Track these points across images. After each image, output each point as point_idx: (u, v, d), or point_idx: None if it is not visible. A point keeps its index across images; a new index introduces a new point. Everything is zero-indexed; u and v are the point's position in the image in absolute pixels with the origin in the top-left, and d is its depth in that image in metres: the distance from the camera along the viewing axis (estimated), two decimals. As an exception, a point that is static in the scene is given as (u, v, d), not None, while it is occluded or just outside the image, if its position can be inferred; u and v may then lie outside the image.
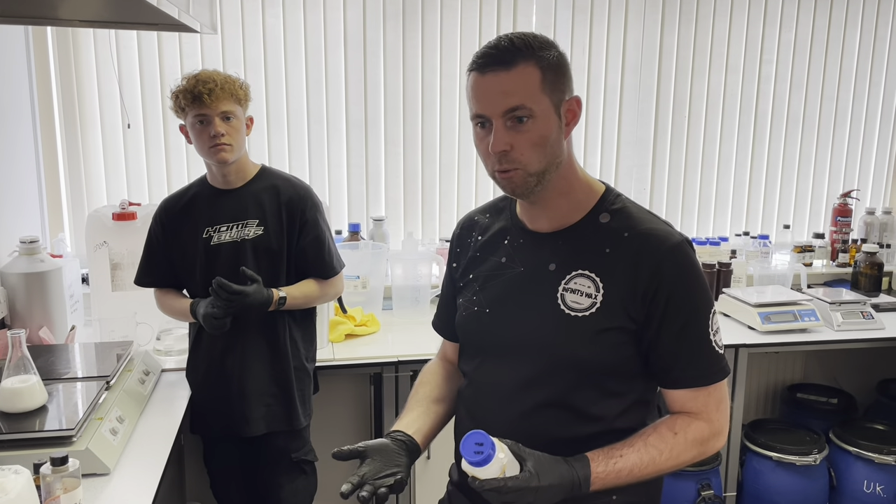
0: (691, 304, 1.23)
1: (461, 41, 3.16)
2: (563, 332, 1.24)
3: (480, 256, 1.39)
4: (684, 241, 1.25)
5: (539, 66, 1.18)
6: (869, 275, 3.23)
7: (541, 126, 1.19)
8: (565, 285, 1.25)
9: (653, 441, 1.22)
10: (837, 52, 3.54)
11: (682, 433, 1.23)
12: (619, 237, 1.24)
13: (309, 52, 3.06)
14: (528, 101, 1.17)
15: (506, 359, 1.31)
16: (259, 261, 2.11)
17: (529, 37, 1.20)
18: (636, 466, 1.20)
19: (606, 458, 1.19)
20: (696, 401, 1.25)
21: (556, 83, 1.20)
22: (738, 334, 2.78)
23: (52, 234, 2.89)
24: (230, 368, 2.14)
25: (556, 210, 1.29)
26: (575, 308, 1.24)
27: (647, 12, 3.32)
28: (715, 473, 2.74)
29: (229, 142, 2.03)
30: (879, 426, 3.02)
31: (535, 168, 1.20)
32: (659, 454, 1.21)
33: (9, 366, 1.71)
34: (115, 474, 1.66)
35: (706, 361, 1.24)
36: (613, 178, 3.45)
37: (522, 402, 1.28)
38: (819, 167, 3.67)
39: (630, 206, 1.29)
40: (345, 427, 2.86)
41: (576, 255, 1.26)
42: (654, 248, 1.22)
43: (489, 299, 1.34)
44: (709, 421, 1.25)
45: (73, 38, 2.86)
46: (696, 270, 1.25)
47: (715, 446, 1.26)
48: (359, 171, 3.20)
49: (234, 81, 2.05)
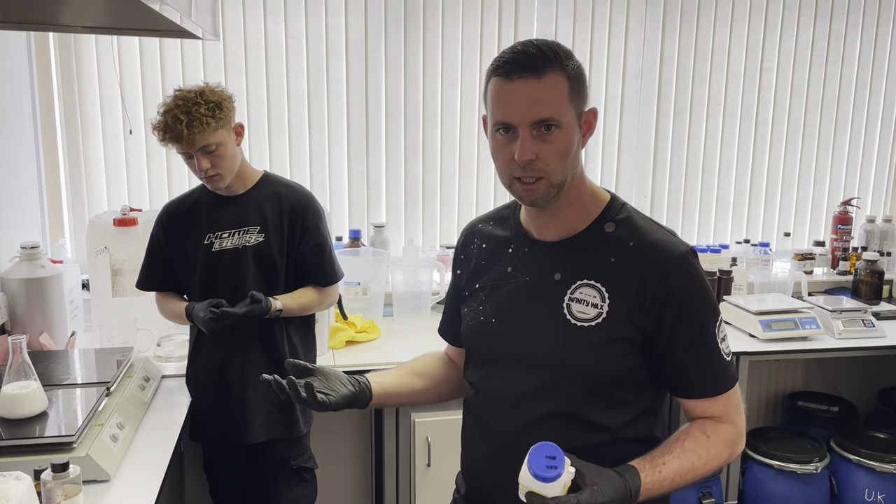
0: (700, 315, 1.23)
1: (462, 48, 3.16)
2: (569, 342, 1.24)
3: (485, 265, 1.38)
4: (689, 250, 1.24)
5: (566, 76, 1.17)
6: (869, 283, 3.23)
7: (566, 137, 1.18)
8: (571, 295, 1.25)
9: (689, 446, 1.22)
10: (838, 60, 3.55)
11: (714, 436, 1.24)
12: (624, 247, 1.24)
13: (311, 58, 3.07)
14: (557, 112, 1.16)
15: (512, 368, 1.30)
16: (259, 267, 2.11)
17: (554, 45, 1.18)
18: (678, 473, 1.20)
19: (652, 467, 1.19)
20: (716, 405, 1.26)
21: (580, 94, 1.19)
22: (739, 342, 2.78)
23: (52, 239, 2.89)
24: (230, 375, 2.13)
25: (564, 219, 1.28)
26: (581, 318, 1.23)
27: (648, 19, 3.33)
28: (716, 482, 2.73)
29: (216, 172, 2.02)
30: (880, 434, 3.01)
31: (558, 178, 1.20)
32: (697, 458, 1.21)
33: (9, 372, 1.71)
34: (115, 481, 1.66)
35: (719, 371, 1.25)
36: (614, 184, 3.45)
37: (529, 412, 1.27)
38: (819, 175, 3.67)
39: (635, 215, 1.29)
40: (344, 434, 2.86)
41: (581, 264, 1.26)
42: (660, 259, 1.21)
43: (495, 309, 1.33)
44: (733, 422, 1.27)
45: (75, 44, 2.86)
46: (703, 280, 1.24)
47: (741, 447, 1.28)
48: (360, 178, 3.20)
49: (203, 108, 1.94)
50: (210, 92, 2.00)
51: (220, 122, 1.98)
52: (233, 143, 2.05)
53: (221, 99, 2.00)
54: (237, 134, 2.08)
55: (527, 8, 3.20)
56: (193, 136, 1.93)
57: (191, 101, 1.95)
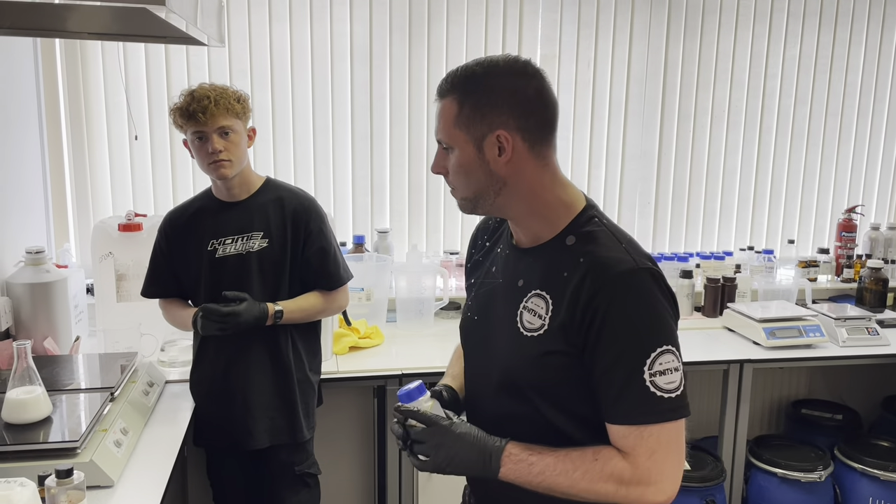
0: (626, 337, 1.16)
1: (467, 54, 3.17)
2: (516, 349, 1.25)
3: (482, 262, 1.42)
4: (638, 269, 1.17)
5: (458, 102, 1.20)
6: (874, 290, 3.23)
7: (459, 157, 1.22)
8: (525, 304, 1.26)
9: (573, 457, 1.19)
10: (842, 67, 3.55)
11: (602, 462, 1.17)
12: (575, 261, 1.20)
13: (315, 64, 3.08)
14: (444, 135, 1.23)
15: (479, 363, 1.37)
16: (264, 273, 2.11)
17: (471, 68, 1.21)
18: (548, 468, 1.18)
19: (525, 449, 1.20)
20: (625, 440, 1.17)
21: (474, 119, 1.20)
22: (743, 349, 2.78)
23: (57, 244, 2.90)
24: (234, 381, 2.13)
25: (528, 228, 1.28)
26: (528, 328, 1.24)
27: (653, 26, 3.34)
28: (720, 489, 2.73)
29: (228, 157, 2.03)
30: (885, 443, 3.00)
31: (464, 193, 1.26)
32: (574, 469, 1.18)
33: (14, 377, 1.71)
34: (118, 486, 1.66)
35: (636, 401, 1.15)
36: (618, 191, 3.46)
37: (497, 408, 1.31)
38: (823, 182, 3.67)
39: (599, 230, 1.24)
40: (348, 440, 2.85)
41: (538, 274, 1.26)
42: (597, 275, 1.17)
43: (477, 306, 1.39)
44: (634, 465, 1.16)
45: (81, 51, 2.88)
46: (640, 302, 1.16)
47: (643, 495, 1.17)
48: (364, 183, 3.21)
49: (231, 95, 2.04)
50: (234, 90, 2.08)
51: (239, 113, 2.05)
52: (245, 140, 2.09)
53: (244, 97, 2.09)
54: (249, 137, 2.11)
55: (531, 15, 3.21)
56: (213, 114, 1.98)
57: (219, 87, 2.04)
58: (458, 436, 1.21)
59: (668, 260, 3.35)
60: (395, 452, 2.56)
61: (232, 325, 1.99)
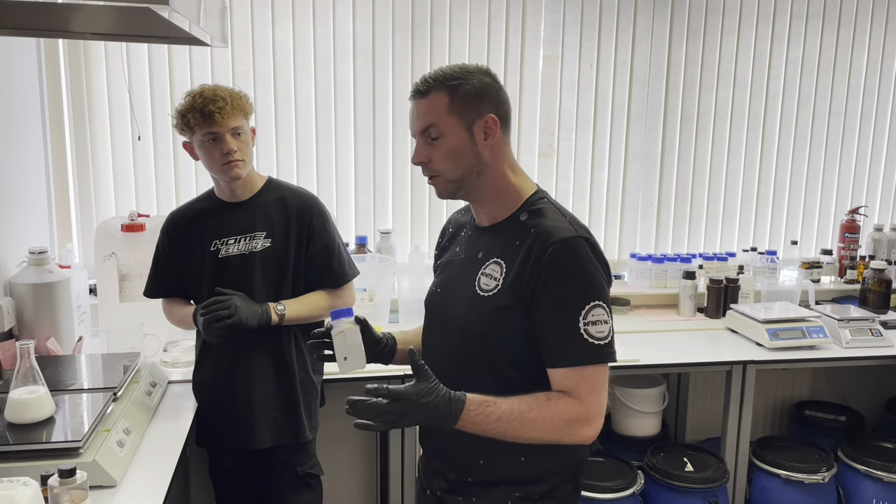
0: (564, 291, 1.38)
1: (469, 55, 3.17)
2: (472, 309, 1.47)
3: (449, 247, 1.66)
4: (576, 237, 1.39)
5: (448, 93, 1.42)
6: (877, 291, 3.22)
7: (449, 142, 1.43)
8: (483, 271, 1.48)
9: (526, 400, 1.36)
10: (845, 68, 3.55)
11: (554, 402, 1.37)
12: (527, 232, 1.43)
13: (318, 64, 3.08)
14: (435, 121, 1.43)
15: (439, 329, 1.57)
16: (267, 273, 2.11)
17: (448, 70, 1.45)
18: (505, 415, 1.34)
19: (482, 402, 1.35)
20: (568, 380, 1.38)
21: (464, 107, 1.42)
22: (746, 350, 2.77)
23: (60, 244, 2.90)
24: (236, 381, 2.13)
25: (490, 209, 1.51)
26: (484, 289, 1.46)
27: (655, 27, 3.34)
28: (722, 491, 2.72)
29: (241, 157, 2.04)
30: (888, 444, 2.99)
31: (452, 176, 1.46)
32: (528, 410, 1.35)
33: (17, 377, 1.72)
34: (121, 486, 1.66)
35: (574, 345, 1.37)
36: (621, 192, 3.45)
37: (454, 368, 1.48)
38: (827, 183, 3.66)
39: (547, 207, 1.47)
40: (351, 440, 2.85)
41: (496, 245, 1.48)
42: (543, 241, 1.39)
43: (441, 281, 1.62)
44: (579, 400, 1.37)
45: (84, 51, 2.88)
46: (577, 264, 1.39)
47: (586, 432, 1.38)
48: (366, 184, 3.21)
49: (241, 96, 2.06)
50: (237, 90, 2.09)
51: (248, 114, 2.08)
52: (251, 140, 2.11)
53: (247, 97, 2.10)
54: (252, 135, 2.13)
55: (534, 16, 3.21)
56: (228, 115, 1.99)
57: (227, 89, 2.05)
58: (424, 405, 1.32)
59: (671, 261, 3.35)
60: (398, 452, 2.56)
61: (231, 311, 1.96)
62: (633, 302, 3.31)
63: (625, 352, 2.66)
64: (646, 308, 3.31)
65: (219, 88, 2.03)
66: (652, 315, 3.21)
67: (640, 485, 2.68)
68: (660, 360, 2.68)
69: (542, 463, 1.47)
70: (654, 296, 3.34)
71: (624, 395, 3.00)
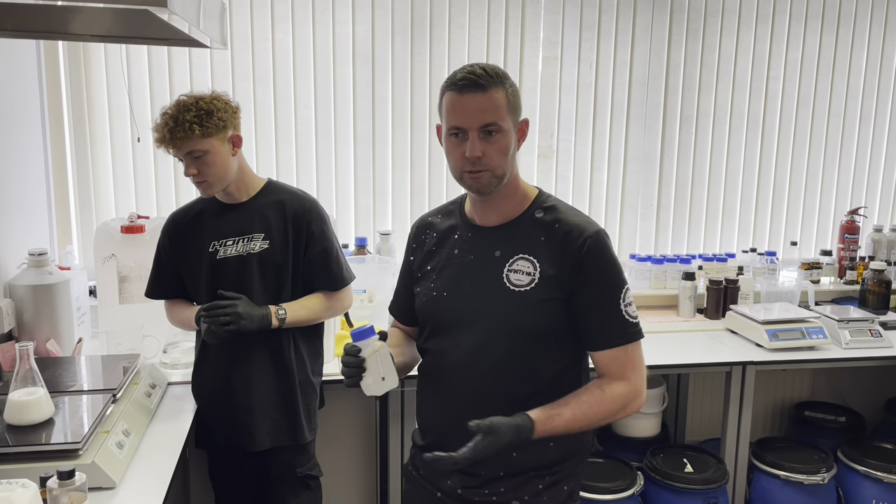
0: (605, 279, 1.51)
1: (469, 56, 3.17)
2: (509, 304, 1.52)
3: (436, 251, 1.66)
4: (601, 230, 1.53)
5: (506, 92, 1.48)
6: (877, 292, 3.22)
7: (506, 139, 1.49)
8: (509, 267, 1.53)
9: (584, 398, 1.49)
10: (844, 69, 3.55)
11: (609, 391, 1.50)
12: (551, 228, 1.53)
13: (318, 66, 3.08)
14: (499, 119, 1.47)
15: (461, 331, 1.57)
16: (265, 275, 2.11)
17: (497, 68, 1.49)
18: (570, 421, 1.46)
19: (547, 417, 1.45)
20: (615, 362, 1.52)
21: (516, 107, 1.51)
22: (746, 351, 2.78)
23: (60, 246, 2.90)
24: (235, 382, 2.13)
25: (502, 208, 1.57)
26: (517, 285, 1.52)
27: (655, 29, 3.34)
28: (722, 492, 2.72)
29: (203, 179, 2.03)
30: (888, 445, 2.99)
31: (500, 172, 1.50)
32: (589, 408, 1.48)
33: (16, 378, 1.72)
34: (120, 488, 1.66)
35: (620, 325, 1.51)
36: (620, 193, 3.45)
37: (475, 365, 1.54)
38: (826, 184, 3.66)
39: (559, 204, 1.59)
40: (350, 442, 2.86)
41: (517, 243, 1.55)
42: (577, 235, 1.51)
43: (445, 284, 1.61)
44: (628, 380, 1.51)
45: (84, 53, 2.88)
46: (610, 254, 1.53)
47: (636, 405, 1.53)
48: (366, 185, 3.21)
49: (195, 118, 1.95)
50: (208, 100, 2.00)
51: (208, 131, 1.97)
52: (225, 152, 2.03)
53: (215, 108, 1.99)
54: (234, 145, 2.06)
55: (533, 17, 3.21)
56: (176, 141, 1.97)
57: (183, 106, 1.97)
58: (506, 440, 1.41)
59: (671, 262, 3.35)
60: (397, 454, 2.56)
61: (233, 318, 1.97)
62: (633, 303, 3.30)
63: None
64: (645, 309, 3.31)
65: (186, 104, 1.96)
66: (651, 316, 3.21)
67: (639, 486, 2.68)
68: (659, 360, 2.68)
69: (567, 444, 1.55)
70: (653, 296, 3.34)
71: (623, 396, 2.99)
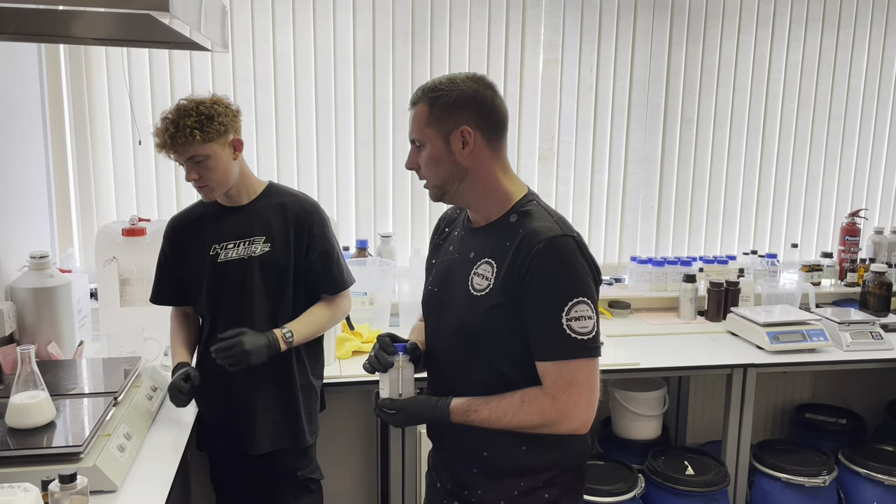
0: (547, 288, 1.44)
1: (470, 60, 3.18)
2: (468, 308, 1.54)
3: (443, 246, 1.71)
4: (563, 236, 1.46)
5: (428, 105, 1.51)
6: (878, 294, 3.22)
7: (430, 151, 1.53)
8: (475, 270, 1.55)
9: (503, 404, 1.49)
10: (845, 71, 3.55)
11: (527, 405, 1.47)
12: (516, 233, 1.50)
13: (319, 69, 3.09)
14: (418, 134, 1.54)
15: (438, 327, 1.64)
16: (266, 278, 2.11)
17: (435, 82, 1.53)
18: (485, 420, 1.50)
19: (465, 409, 1.52)
20: (548, 375, 1.46)
21: (442, 117, 1.50)
22: (747, 353, 2.78)
23: (61, 249, 2.91)
24: (236, 386, 2.13)
25: (482, 210, 1.58)
26: (477, 289, 1.53)
27: (655, 31, 3.34)
28: (723, 494, 2.72)
29: (204, 184, 2.03)
30: (889, 447, 2.99)
31: (434, 182, 1.55)
32: (504, 414, 1.48)
33: (17, 381, 1.72)
34: (122, 491, 1.66)
35: (557, 339, 1.44)
36: (621, 195, 3.46)
37: (456, 364, 1.59)
38: (827, 186, 3.66)
39: (535, 209, 1.53)
40: (351, 445, 2.86)
41: (487, 246, 1.54)
42: (530, 241, 1.46)
43: (436, 280, 1.67)
44: (553, 398, 1.45)
45: (85, 56, 2.89)
46: (562, 261, 1.45)
47: (566, 426, 1.47)
48: (367, 188, 3.21)
49: (196, 123, 1.95)
50: (208, 104, 1.99)
51: (209, 136, 1.97)
52: (226, 157, 2.03)
53: (215, 113, 1.99)
54: (235, 149, 2.06)
55: (534, 20, 3.22)
56: (177, 147, 1.97)
57: (183, 111, 1.97)
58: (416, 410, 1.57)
59: (672, 264, 3.35)
60: (398, 457, 2.56)
61: (240, 357, 1.97)
62: (634, 305, 3.31)
63: (625, 355, 2.66)
64: (646, 311, 3.31)
65: (187, 109, 1.96)
66: (652, 318, 3.21)
67: (640, 488, 2.69)
68: (660, 363, 2.68)
69: (543, 452, 1.52)
70: (654, 299, 3.35)
71: (624, 399, 3.00)
